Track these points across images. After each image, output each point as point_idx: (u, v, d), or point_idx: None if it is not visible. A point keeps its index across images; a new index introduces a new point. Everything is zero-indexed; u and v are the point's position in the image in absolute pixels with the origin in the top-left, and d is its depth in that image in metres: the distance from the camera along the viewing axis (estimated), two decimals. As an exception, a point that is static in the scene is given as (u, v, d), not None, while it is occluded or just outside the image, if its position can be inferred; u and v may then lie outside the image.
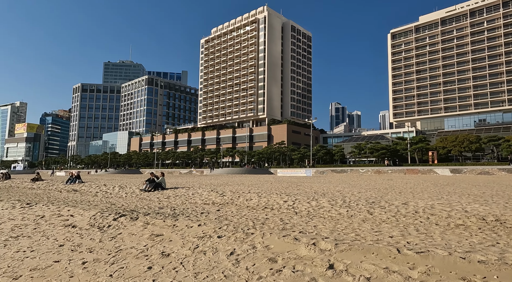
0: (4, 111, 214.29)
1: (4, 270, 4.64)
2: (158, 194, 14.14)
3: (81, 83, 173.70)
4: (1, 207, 10.74)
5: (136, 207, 10.12)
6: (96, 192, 17.07)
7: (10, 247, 5.83)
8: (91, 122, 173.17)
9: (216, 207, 9.62)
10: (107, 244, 5.60)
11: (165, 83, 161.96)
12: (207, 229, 5.83)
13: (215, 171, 66.47)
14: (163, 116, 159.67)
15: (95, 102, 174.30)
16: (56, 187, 22.83)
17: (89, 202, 11.92)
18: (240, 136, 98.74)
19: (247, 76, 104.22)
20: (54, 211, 9.21)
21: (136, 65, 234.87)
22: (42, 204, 10.69)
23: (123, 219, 7.27)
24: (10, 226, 7.68)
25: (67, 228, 7.05)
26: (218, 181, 26.80)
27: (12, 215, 9.24)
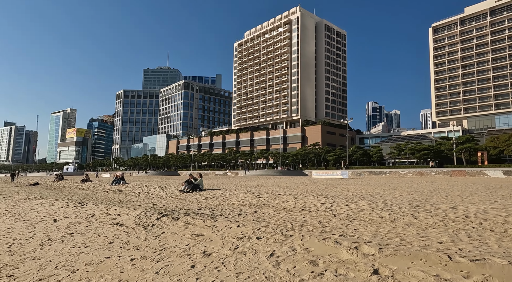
0: (57, 118, 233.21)
1: (63, 263, 5.05)
2: (196, 195, 14.56)
3: (123, 90, 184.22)
4: (57, 205, 11.69)
5: (177, 207, 10.49)
6: (139, 192, 17.96)
7: (67, 243, 6.33)
8: (133, 126, 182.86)
9: (253, 208, 9.70)
10: (152, 242, 5.88)
11: (200, 87, 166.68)
12: (246, 230, 5.90)
13: (249, 173, 67.05)
14: (199, 119, 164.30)
15: (136, 107, 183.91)
16: (103, 187, 24.38)
17: (133, 202, 12.57)
18: (273, 138, 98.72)
19: (280, 78, 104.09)
20: (103, 210, 9.85)
21: (173, 70, 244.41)
22: (92, 203, 11.48)
23: (166, 218, 7.58)
24: (66, 223, 8.34)
25: (115, 226, 7.50)
26: (253, 183, 27.00)
27: (66, 213, 10.03)
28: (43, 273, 4.68)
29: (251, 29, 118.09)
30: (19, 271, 4.88)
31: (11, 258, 5.55)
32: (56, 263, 5.08)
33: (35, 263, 5.21)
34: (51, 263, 5.11)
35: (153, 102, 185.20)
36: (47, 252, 5.81)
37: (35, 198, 15.30)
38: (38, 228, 8.04)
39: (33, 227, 8.24)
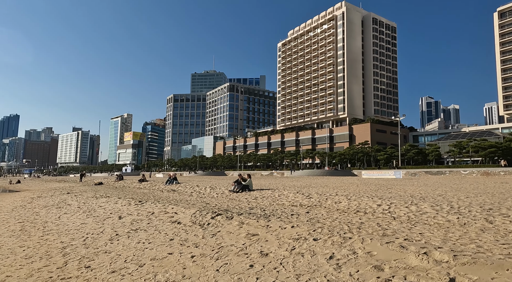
0: (116, 123, 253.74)
1: (131, 258, 5.42)
2: (246, 195, 14.76)
3: (173, 94, 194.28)
4: (121, 203, 12.65)
5: (228, 207, 10.73)
6: (191, 192, 18.73)
7: (132, 238, 6.80)
8: (182, 129, 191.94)
9: (304, 209, 9.55)
10: (209, 240, 6.06)
11: (245, 89, 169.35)
12: (301, 231, 5.81)
13: (295, 173, 66.42)
14: (244, 121, 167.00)
15: (185, 110, 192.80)
16: (158, 187, 25.88)
17: (187, 201, 13.12)
18: (319, 138, 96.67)
19: (325, 76, 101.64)
20: (161, 208, 10.43)
21: (218, 74, 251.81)
22: (151, 202, 12.22)
23: (220, 217, 7.78)
24: (130, 220, 8.97)
25: (174, 224, 7.88)
26: (300, 183, 26.68)
27: (129, 210, 10.79)
28: (114, 266, 5.07)
29: (295, 28, 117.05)
30: (94, 262, 5.35)
31: (87, 251, 6.11)
32: (125, 257, 5.47)
33: (107, 256, 5.67)
34: (121, 257, 5.52)
35: (200, 105, 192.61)
36: (116, 246, 6.29)
37: (101, 196, 16.74)
38: (106, 224, 8.76)
39: (102, 223, 9.00)
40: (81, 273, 4.87)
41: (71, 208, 12.76)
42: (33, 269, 5.26)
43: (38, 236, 7.93)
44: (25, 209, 13.86)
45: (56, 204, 14.70)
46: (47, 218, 10.76)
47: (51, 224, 9.50)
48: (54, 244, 6.94)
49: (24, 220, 10.74)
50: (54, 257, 5.86)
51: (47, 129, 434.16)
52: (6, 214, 12.82)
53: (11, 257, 6.10)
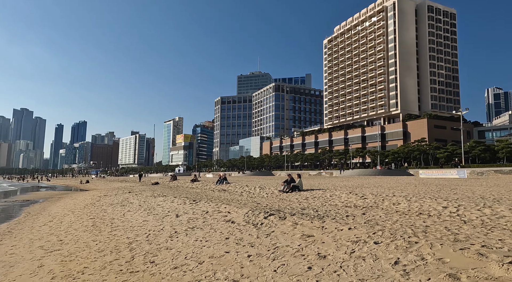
0: (169, 126, 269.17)
1: (190, 255, 5.64)
2: (296, 195, 14.59)
3: (220, 97, 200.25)
4: (177, 202, 13.32)
5: (280, 207, 10.68)
6: (241, 192, 19.05)
7: (190, 236, 7.08)
8: (230, 130, 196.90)
9: (359, 210, 9.13)
10: (264, 240, 6.07)
11: (290, 88, 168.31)
12: (359, 233, 5.55)
13: (345, 173, 64.20)
14: (290, 120, 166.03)
15: (232, 112, 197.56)
16: (209, 187, 26.79)
17: (238, 201, 13.36)
18: (370, 136, 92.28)
19: (375, 71, 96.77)
20: (214, 207, 10.74)
21: (264, 74, 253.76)
22: (204, 201, 12.66)
23: (273, 217, 7.76)
24: (186, 218, 9.38)
25: (228, 223, 8.05)
26: (351, 183, 25.69)
27: (185, 209, 11.30)
28: (176, 262, 5.31)
29: (341, 23, 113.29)
30: (157, 258, 5.67)
31: (150, 247, 6.50)
32: (185, 254, 5.71)
33: (169, 252, 5.97)
34: (181, 254, 5.77)
35: (247, 107, 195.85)
36: (176, 243, 6.60)
37: (158, 195, 17.81)
38: (165, 221, 9.27)
39: (161, 220, 9.54)
40: (146, 267, 5.19)
41: (133, 206, 13.73)
42: (105, 261, 5.74)
43: (107, 231, 8.65)
44: (95, 207, 15.25)
45: (120, 202, 15.95)
46: (113, 215, 11.71)
47: (117, 221, 10.32)
48: (121, 239, 7.51)
49: (94, 216, 11.82)
50: (122, 252, 6.33)
51: (110, 134, 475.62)
52: (79, 210, 14.24)
53: (86, 250, 6.73)
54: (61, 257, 6.34)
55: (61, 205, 18.58)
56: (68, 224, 10.56)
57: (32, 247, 7.57)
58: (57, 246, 7.35)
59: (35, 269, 5.64)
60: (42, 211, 16.35)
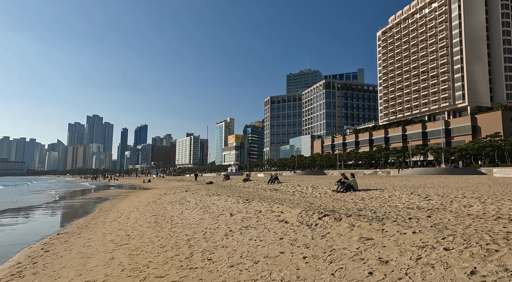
0: (221, 127, 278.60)
1: (246, 254, 5.71)
2: (351, 195, 14.00)
3: (270, 97, 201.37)
4: (230, 201, 13.66)
5: (334, 207, 10.33)
6: (293, 191, 18.89)
7: (244, 235, 7.18)
8: (280, 130, 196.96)
9: (423, 212, 8.42)
10: (319, 242, 5.90)
11: (342, 85, 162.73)
12: (425, 238, 5.10)
13: (403, 172, 60.01)
14: (342, 118, 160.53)
15: (281, 111, 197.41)
16: (261, 186, 27.03)
17: (290, 201, 13.25)
18: (432, 131, 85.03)
19: (437, 61, 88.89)
20: (267, 207, 10.78)
21: (313, 72, 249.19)
22: (257, 201, 12.79)
23: (327, 218, 7.53)
24: (240, 217, 9.55)
25: (281, 223, 8.01)
26: (411, 183, 23.90)
27: (238, 208, 11.53)
28: (232, 260, 5.41)
29: (397, 13, 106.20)
30: (214, 256, 5.84)
31: (207, 244, 6.74)
32: (240, 253, 5.80)
33: (224, 250, 6.12)
34: (236, 252, 5.88)
35: (296, 105, 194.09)
36: (231, 242, 6.74)
37: (213, 194, 18.47)
38: (220, 220, 9.55)
39: (216, 219, 9.85)
40: (204, 264, 5.37)
41: (190, 205, 14.41)
42: (167, 257, 6.08)
43: (168, 228, 9.18)
44: (156, 204, 16.34)
45: (178, 200, 16.86)
46: (172, 213, 12.41)
47: (176, 218, 10.91)
48: (181, 236, 7.90)
49: (156, 213, 12.65)
50: (182, 248, 6.66)
51: (168, 136, 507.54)
52: (143, 208, 15.38)
53: (150, 245, 7.22)
54: (129, 250, 6.88)
55: (127, 202, 20.27)
56: (134, 220, 11.44)
57: (104, 240, 8.35)
58: (125, 241, 8.00)
59: (107, 261, 6.19)
60: (112, 207, 18.00)
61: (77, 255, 6.96)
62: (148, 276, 5.06)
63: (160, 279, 4.88)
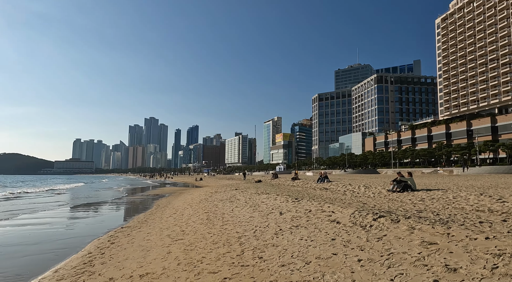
0: (268, 126, 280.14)
1: (296, 254, 5.61)
2: (409, 195, 13.06)
3: (317, 94, 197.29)
4: (279, 200, 13.60)
5: (390, 208, 9.72)
6: (344, 190, 18.21)
7: (295, 235, 7.07)
8: (328, 127, 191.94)
9: (497, 216, 7.51)
10: (375, 244, 5.56)
11: (395, 78, 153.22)
12: (502, 245, 4.52)
13: (469, 170, 54.56)
14: (396, 113, 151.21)
15: (330, 108, 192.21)
16: (310, 185, 26.56)
17: (341, 200, 12.78)
18: (503, 126, 76.04)
19: (509, 47, 79.20)
20: (317, 206, 10.52)
21: (363, 66, 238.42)
22: (306, 200, 12.56)
23: (383, 220, 7.08)
24: (290, 216, 9.45)
25: (333, 223, 7.74)
26: (480, 183, 21.58)
27: (287, 207, 11.42)
28: (283, 260, 5.35)
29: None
30: (265, 254, 5.83)
31: (257, 243, 6.77)
32: (291, 252, 5.71)
33: (275, 249, 6.08)
34: (287, 252, 5.80)
35: (345, 102, 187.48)
36: (281, 241, 6.69)
37: (262, 193, 18.59)
38: (270, 218, 9.54)
39: (266, 217, 9.86)
40: (256, 262, 5.39)
41: (240, 203, 14.66)
42: (219, 253, 6.23)
43: (219, 225, 9.43)
44: (208, 202, 16.94)
45: (228, 198, 17.27)
46: (223, 210, 12.74)
47: (227, 216, 11.17)
48: (232, 233, 8.06)
49: (208, 211, 13.10)
50: (233, 245, 6.77)
51: (217, 136, 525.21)
52: (196, 205, 16.05)
53: (203, 241, 7.47)
54: (184, 246, 7.19)
55: (181, 199, 21.34)
56: (188, 217, 11.98)
57: (161, 235, 8.85)
58: (180, 236, 8.39)
59: (165, 255, 6.54)
60: (167, 204, 19.09)
61: (138, 248, 7.47)
62: (202, 271, 5.22)
63: (213, 275, 5.00)
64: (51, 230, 11.55)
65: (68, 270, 6.17)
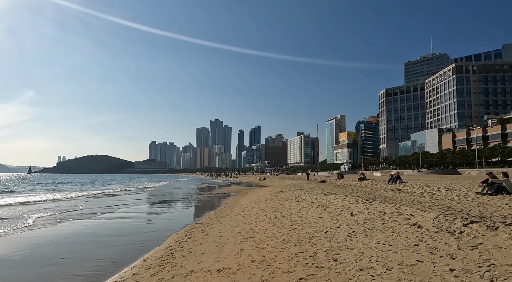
0: (331, 124, 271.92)
1: (375, 258, 5.27)
2: (504, 199, 11.37)
3: (385, 89, 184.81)
4: (348, 201, 13.03)
5: (481, 213, 8.57)
6: (421, 192, 16.69)
7: (370, 238, 6.67)
8: (398, 124, 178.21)
9: None
10: (469, 253, 4.93)
11: (479, 67, 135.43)
12: None
13: None
14: (480, 106, 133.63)
15: (399, 104, 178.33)
16: (380, 186, 24.95)
17: (419, 203, 11.71)
18: None
19: None
20: (392, 208, 9.79)
21: (438, 56, 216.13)
22: (379, 201, 11.79)
23: (476, 226, 6.25)
24: (362, 218, 8.96)
25: (413, 227, 7.10)
26: None
27: (358, 208, 10.86)
28: (360, 264, 5.07)
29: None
30: (340, 257, 5.60)
31: (330, 244, 6.55)
32: (368, 256, 5.39)
33: (350, 252, 5.81)
34: (364, 255, 5.48)
35: (417, 96, 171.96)
36: (356, 243, 6.36)
37: (328, 193, 18.05)
38: (340, 220, 9.18)
39: (336, 218, 9.52)
40: (331, 264, 5.21)
41: (306, 203, 14.44)
42: (291, 253, 6.19)
43: (288, 225, 9.40)
44: (273, 201, 17.06)
45: (294, 198, 17.16)
46: (290, 210, 12.69)
47: (294, 215, 11.08)
48: (301, 233, 7.95)
49: (275, 210, 13.19)
50: (304, 246, 6.66)
51: (279, 136, 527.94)
52: (262, 204, 16.31)
53: (273, 240, 7.52)
54: (255, 244, 7.32)
55: (247, 198, 21.90)
56: (256, 215, 12.21)
57: (233, 232, 9.17)
58: (251, 234, 8.58)
59: (238, 252, 6.74)
60: (235, 202, 19.77)
61: (212, 244, 7.84)
62: (276, 270, 5.23)
63: (288, 275, 4.98)
64: (136, 224, 12.90)
65: (154, 261, 6.76)
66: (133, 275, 5.91)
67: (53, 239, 9.67)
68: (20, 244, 9.06)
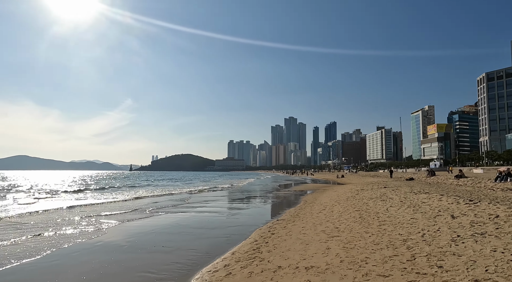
0: (417, 117, 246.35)
1: (493, 268, 4.49)
2: None
3: (485, 73, 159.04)
4: (446, 201, 11.56)
5: None
6: (543, 193, 13.85)
7: (482, 244, 5.73)
8: (504, 113, 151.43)
9: None
10: None
11: None
12: None
13: None
14: None
15: (506, 89, 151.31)
16: (484, 184, 21.65)
17: (544, 205, 9.69)
18: None
19: None
20: (507, 211, 8.32)
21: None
22: (487, 202, 10.17)
23: None
24: (467, 221, 7.82)
25: (540, 234, 5.88)
26: None
27: (460, 210, 9.53)
28: (474, 273, 4.39)
29: None
30: (445, 263, 4.95)
31: (430, 248, 5.86)
32: (484, 266, 4.64)
33: (458, 259, 5.09)
34: (477, 264, 4.74)
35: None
36: (464, 250, 5.55)
37: (418, 192, 16.34)
38: (439, 222, 8.18)
39: (433, 220, 8.51)
40: (435, 271, 4.64)
41: (394, 202, 13.32)
42: (384, 255, 5.73)
43: (376, 225, 8.77)
44: (356, 199, 16.21)
45: (379, 197, 16.01)
46: (376, 209, 11.85)
47: (382, 215, 10.30)
48: (393, 235, 7.32)
49: (359, 209, 12.49)
50: (399, 248, 6.10)
51: (357, 131, 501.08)
52: (344, 202, 15.64)
53: (362, 240, 7.09)
54: (342, 243, 7.01)
55: (327, 196, 21.30)
56: (338, 214, 11.75)
57: (316, 230, 8.97)
58: (336, 233, 8.26)
59: (324, 250, 6.55)
60: (314, 200, 19.42)
61: (296, 241, 7.79)
62: (370, 272, 4.90)
63: (383, 278, 4.60)
64: (222, 218, 13.71)
65: (242, 254, 7.03)
66: (224, 266, 6.24)
67: (153, 229, 10.93)
68: (131, 231, 10.50)
